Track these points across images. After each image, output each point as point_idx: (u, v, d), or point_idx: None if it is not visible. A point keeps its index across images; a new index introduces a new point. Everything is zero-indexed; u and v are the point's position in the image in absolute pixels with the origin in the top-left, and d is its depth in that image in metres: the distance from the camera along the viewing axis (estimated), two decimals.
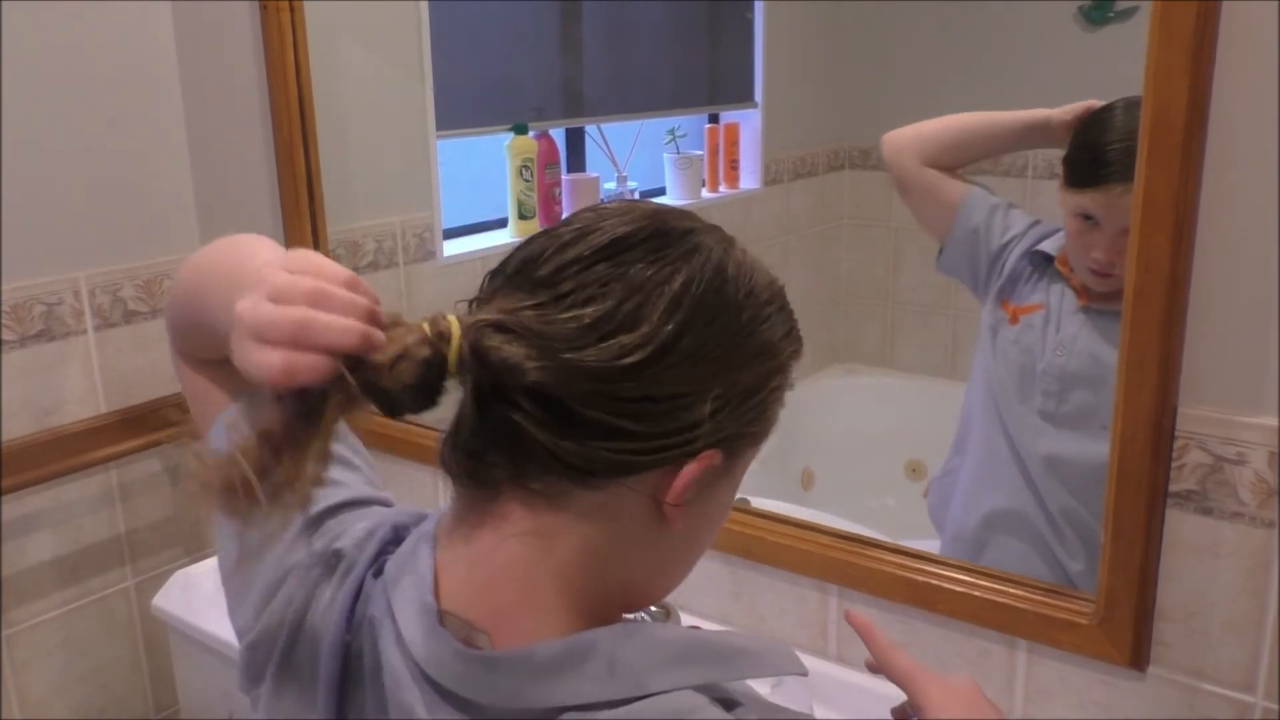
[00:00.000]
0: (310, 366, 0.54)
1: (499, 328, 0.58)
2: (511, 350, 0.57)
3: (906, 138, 1.33)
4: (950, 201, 1.31)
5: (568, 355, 0.57)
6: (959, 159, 1.32)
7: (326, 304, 0.55)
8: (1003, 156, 1.44)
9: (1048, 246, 1.25)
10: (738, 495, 0.68)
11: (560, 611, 0.61)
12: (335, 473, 0.74)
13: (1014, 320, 1.26)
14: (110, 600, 1.73)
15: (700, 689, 0.60)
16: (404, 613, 0.62)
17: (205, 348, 0.75)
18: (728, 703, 0.61)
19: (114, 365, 1.68)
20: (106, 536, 1.71)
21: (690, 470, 0.60)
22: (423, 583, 0.63)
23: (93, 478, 1.67)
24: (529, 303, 0.58)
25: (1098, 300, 1.19)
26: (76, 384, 1.64)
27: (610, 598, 0.64)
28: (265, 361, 0.54)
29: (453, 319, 0.57)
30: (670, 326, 0.58)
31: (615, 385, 0.57)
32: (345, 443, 0.78)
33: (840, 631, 1.23)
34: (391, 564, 0.66)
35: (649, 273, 0.59)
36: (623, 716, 0.57)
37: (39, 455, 1.57)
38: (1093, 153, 1.16)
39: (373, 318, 0.56)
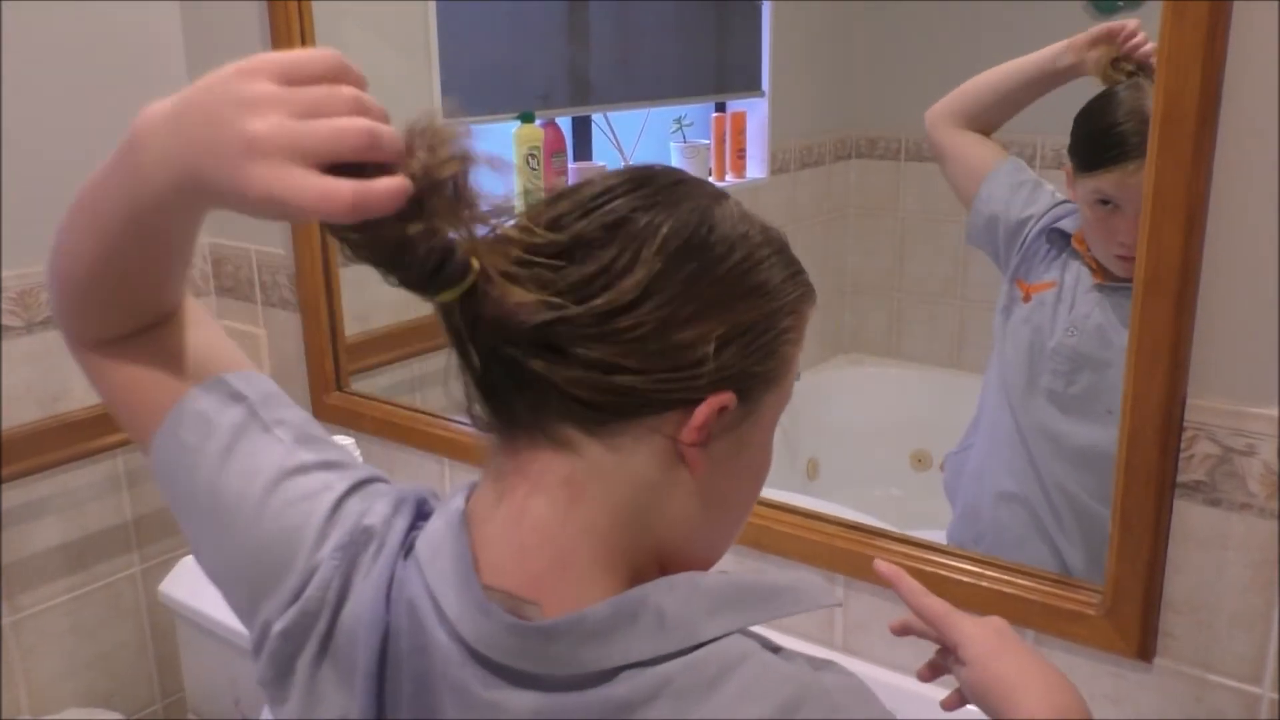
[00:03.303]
0: (388, 190, 0.51)
1: (512, 268, 0.57)
2: (518, 291, 0.57)
3: (940, 103, 1.32)
4: (977, 171, 1.29)
5: (566, 298, 0.57)
6: (987, 111, 1.29)
7: (366, 105, 0.54)
8: (1019, 132, 1.41)
9: (1065, 225, 1.23)
10: None
11: (598, 572, 0.61)
12: (330, 454, 0.72)
13: (1026, 298, 1.25)
14: (117, 586, 1.73)
15: (744, 632, 0.61)
16: (445, 593, 0.62)
17: (131, 304, 0.70)
18: (766, 645, 0.62)
19: None
20: (113, 523, 1.71)
21: (704, 410, 0.60)
22: (462, 561, 0.62)
23: (99, 464, 1.68)
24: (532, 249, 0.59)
25: (1114, 278, 1.17)
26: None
27: (647, 556, 0.63)
28: (330, 191, 0.51)
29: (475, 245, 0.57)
30: (659, 266, 0.59)
31: (610, 323, 0.58)
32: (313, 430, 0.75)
33: (846, 622, 1.23)
34: (423, 543, 0.65)
35: (640, 219, 0.60)
36: (681, 668, 0.58)
37: (46, 441, 1.58)
38: (1102, 134, 1.15)
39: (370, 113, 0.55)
